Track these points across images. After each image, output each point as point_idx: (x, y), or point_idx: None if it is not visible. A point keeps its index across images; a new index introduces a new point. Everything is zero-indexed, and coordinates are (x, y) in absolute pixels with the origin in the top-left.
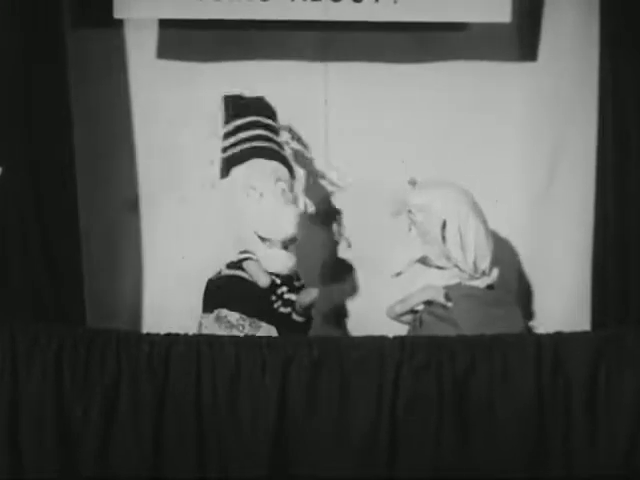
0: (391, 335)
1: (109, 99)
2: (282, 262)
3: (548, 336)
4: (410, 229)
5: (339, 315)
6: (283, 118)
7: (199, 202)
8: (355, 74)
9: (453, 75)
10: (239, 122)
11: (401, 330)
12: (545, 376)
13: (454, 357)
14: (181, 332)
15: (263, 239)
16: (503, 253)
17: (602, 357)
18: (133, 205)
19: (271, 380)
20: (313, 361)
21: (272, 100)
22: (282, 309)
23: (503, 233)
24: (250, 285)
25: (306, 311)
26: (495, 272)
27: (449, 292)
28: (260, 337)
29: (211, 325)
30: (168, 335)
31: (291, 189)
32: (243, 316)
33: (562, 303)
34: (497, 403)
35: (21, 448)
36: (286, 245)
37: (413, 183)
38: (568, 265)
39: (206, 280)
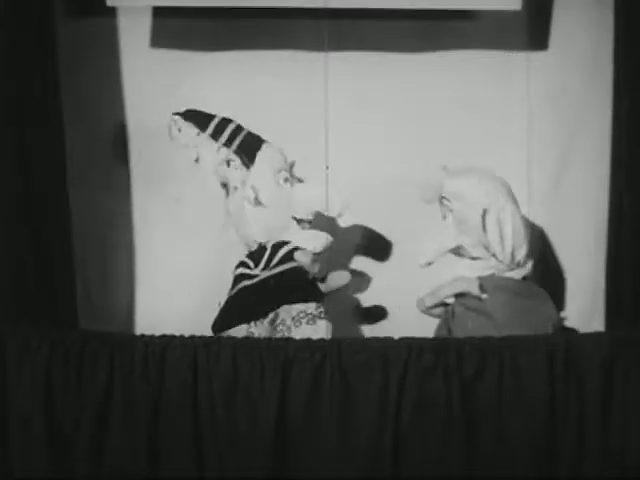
0: (396, 337)
1: (101, 90)
2: (321, 240)
3: (560, 337)
4: (445, 217)
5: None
6: (284, 109)
7: (195, 199)
8: (357, 64)
9: (461, 65)
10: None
11: (432, 323)
12: (557, 379)
13: (462, 359)
14: (176, 334)
15: (300, 221)
16: (536, 242)
17: (616, 359)
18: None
19: (270, 384)
20: (314, 364)
21: (270, 91)
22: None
23: None
24: (305, 274)
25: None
26: (530, 263)
27: (484, 283)
28: (259, 339)
29: (267, 330)
30: (163, 337)
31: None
32: (320, 304)
33: (575, 302)
34: (507, 407)
35: (11, 454)
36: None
37: (447, 170)
38: (581, 264)
39: (236, 289)
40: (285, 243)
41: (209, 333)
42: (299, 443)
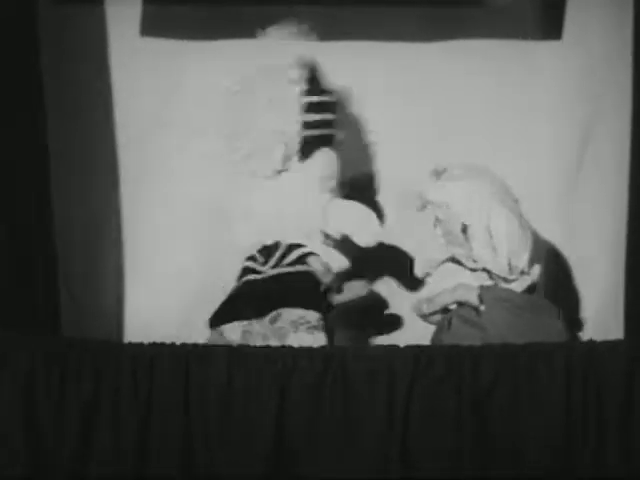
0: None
1: (87, 80)
2: (339, 261)
3: (578, 345)
4: (435, 226)
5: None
6: None
7: (190, 198)
8: (358, 53)
9: (469, 55)
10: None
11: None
12: (575, 389)
13: (475, 369)
14: (167, 342)
15: (327, 236)
16: (542, 253)
17: (637, 367)
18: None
19: (268, 395)
20: (315, 373)
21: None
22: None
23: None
24: (314, 280)
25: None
26: (537, 269)
27: (483, 294)
28: (255, 347)
29: (266, 330)
30: (152, 345)
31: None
32: (321, 315)
33: (592, 307)
34: (522, 418)
35: None
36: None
37: (438, 173)
38: (598, 266)
39: (240, 283)
40: (300, 246)
41: (202, 336)
42: (299, 459)
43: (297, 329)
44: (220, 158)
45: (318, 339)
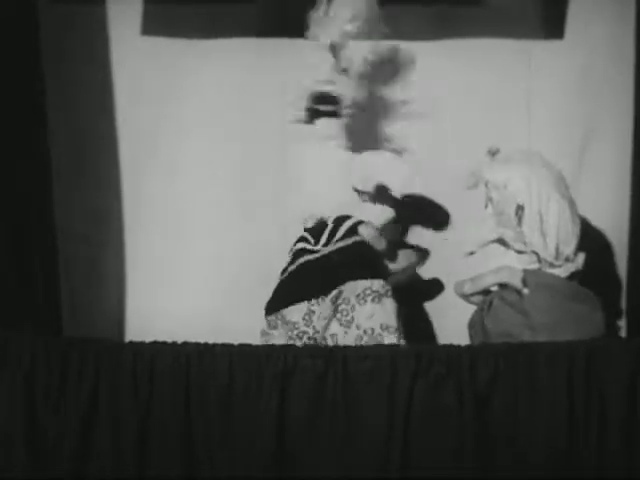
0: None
1: (88, 80)
2: (384, 214)
3: (580, 344)
4: (486, 206)
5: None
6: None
7: (190, 197)
8: (361, 52)
9: (471, 54)
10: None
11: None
12: (577, 389)
13: (475, 368)
14: (168, 340)
15: (361, 192)
16: (593, 243)
17: (639, 366)
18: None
19: (269, 395)
20: (316, 373)
21: (267, 80)
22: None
23: None
24: (371, 249)
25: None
26: (581, 257)
27: (527, 277)
28: (257, 346)
29: (329, 308)
30: (153, 344)
31: None
32: (386, 281)
33: None
34: (523, 419)
35: None
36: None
37: (493, 153)
38: (601, 265)
39: (296, 264)
40: (348, 217)
41: (203, 338)
42: (300, 458)
43: (365, 301)
44: (221, 159)
45: (386, 306)
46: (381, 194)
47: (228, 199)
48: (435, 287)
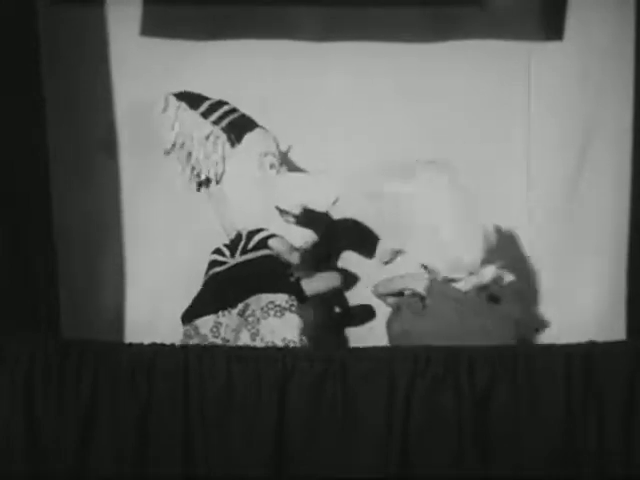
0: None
1: (87, 80)
2: (303, 236)
3: (579, 346)
4: (387, 217)
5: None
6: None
7: (188, 195)
8: (357, 54)
9: (469, 55)
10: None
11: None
12: (576, 391)
13: (473, 370)
14: (167, 342)
15: (283, 212)
16: (505, 250)
17: (638, 368)
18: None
19: (268, 397)
20: (315, 375)
21: (268, 81)
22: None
23: (529, 229)
24: (280, 264)
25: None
26: (489, 271)
27: (430, 286)
28: (256, 348)
29: (235, 321)
30: (152, 345)
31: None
32: (292, 297)
33: (593, 308)
34: (522, 421)
35: None
36: (304, 220)
37: (396, 168)
38: (600, 266)
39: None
40: (260, 230)
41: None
42: (298, 459)
43: (268, 315)
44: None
45: (289, 321)
46: (306, 216)
47: None
48: (365, 314)
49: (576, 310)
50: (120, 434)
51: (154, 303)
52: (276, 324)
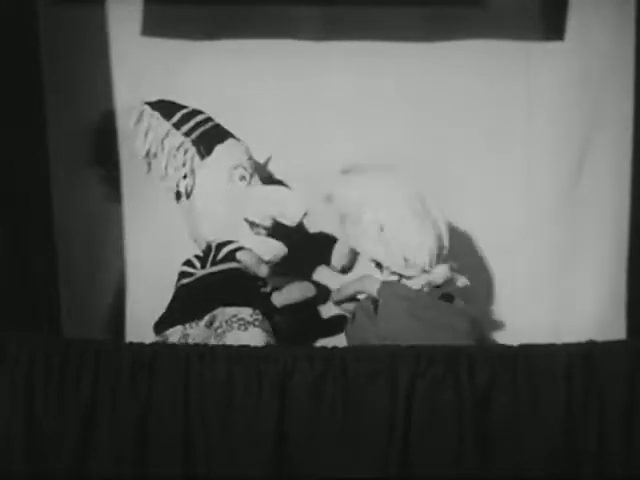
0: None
1: (88, 80)
2: (274, 249)
3: (579, 345)
4: (341, 220)
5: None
6: (282, 103)
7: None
8: (357, 53)
9: (469, 55)
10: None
11: None
12: (576, 391)
13: (473, 370)
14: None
15: (253, 225)
16: (460, 248)
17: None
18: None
19: (268, 396)
20: (316, 375)
21: (266, 81)
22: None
23: (530, 230)
24: (248, 277)
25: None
26: (442, 269)
27: (382, 287)
28: (256, 348)
29: (203, 333)
30: (153, 345)
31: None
32: (256, 311)
33: (594, 308)
34: (522, 421)
35: None
36: (274, 232)
37: (345, 170)
38: (600, 266)
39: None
40: (229, 242)
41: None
42: (299, 459)
43: (232, 328)
44: None
45: (254, 336)
46: (277, 228)
47: None
48: (338, 324)
49: (576, 310)
50: (120, 434)
51: (155, 303)
52: (241, 338)
